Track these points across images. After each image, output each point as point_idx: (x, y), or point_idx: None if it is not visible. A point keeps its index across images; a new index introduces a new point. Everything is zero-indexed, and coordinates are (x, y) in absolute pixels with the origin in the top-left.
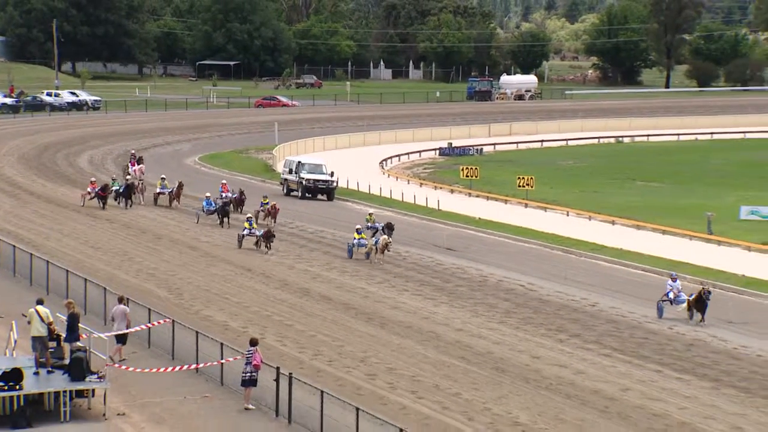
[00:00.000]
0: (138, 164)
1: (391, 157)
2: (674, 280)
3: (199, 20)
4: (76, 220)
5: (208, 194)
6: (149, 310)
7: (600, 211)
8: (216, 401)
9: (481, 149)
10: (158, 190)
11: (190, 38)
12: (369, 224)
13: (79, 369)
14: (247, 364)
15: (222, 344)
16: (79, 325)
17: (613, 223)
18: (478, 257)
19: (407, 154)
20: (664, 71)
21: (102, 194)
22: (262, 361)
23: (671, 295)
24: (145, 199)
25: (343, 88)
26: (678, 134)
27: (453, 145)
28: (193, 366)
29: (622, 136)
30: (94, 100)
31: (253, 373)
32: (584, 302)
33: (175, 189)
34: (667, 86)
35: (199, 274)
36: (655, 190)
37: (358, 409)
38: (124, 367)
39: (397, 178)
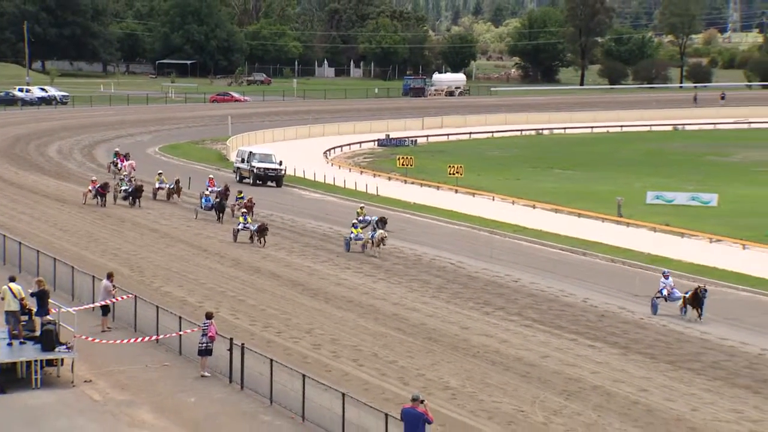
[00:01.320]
0: (126, 160)
1: (334, 148)
2: (666, 277)
3: (158, 23)
4: (46, 204)
5: (206, 192)
6: (113, 286)
7: (522, 196)
8: (175, 369)
9: (416, 140)
10: (157, 186)
11: (150, 39)
12: (360, 218)
13: (49, 340)
14: (203, 335)
15: (180, 318)
16: (49, 300)
17: (533, 207)
18: (413, 238)
19: (349, 144)
20: (579, 70)
21: (102, 192)
22: (216, 333)
23: (665, 292)
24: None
25: (290, 85)
26: (591, 127)
27: (390, 137)
28: (154, 337)
29: (541, 129)
30: (62, 96)
31: (209, 344)
32: (508, 278)
33: (173, 185)
34: (581, 84)
35: (158, 254)
36: (571, 177)
37: (304, 376)
38: (90, 338)
39: (339, 166)
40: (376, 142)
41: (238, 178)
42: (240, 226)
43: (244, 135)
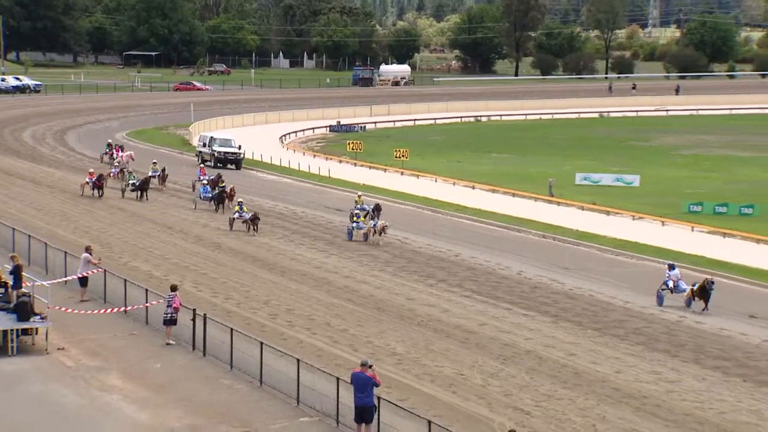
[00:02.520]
0: (122, 151)
1: (289, 133)
2: (672, 268)
3: (125, 17)
4: (21, 185)
5: (204, 182)
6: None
7: (462, 177)
8: (142, 338)
9: (365, 126)
10: (150, 174)
11: (118, 32)
12: (358, 206)
13: (24, 311)
14: (168, 306)
15: (147, 290)
16: (23, 274)
17: (473, 187)
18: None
19: (303, 130)
20: (513, 62)
21: (98, 184)
22: (180, 304)
23: (670, 284)
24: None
25: (248, 75)
26: (525, 114)
27: (341, 123)
28: (122, 308)
29: (480, 116)
30: (36, 84)
31: (173, 314)
32: (449, 253)
33: (161, 173)
34: (516, 74)
35: (126, 231)
36: (507, 160)
37: (262, 344)
38: (63, 309)
39: (294, 150)
40: (328, 128)
41: (200, 162)
42: (236, 215)
43: (205, 121)
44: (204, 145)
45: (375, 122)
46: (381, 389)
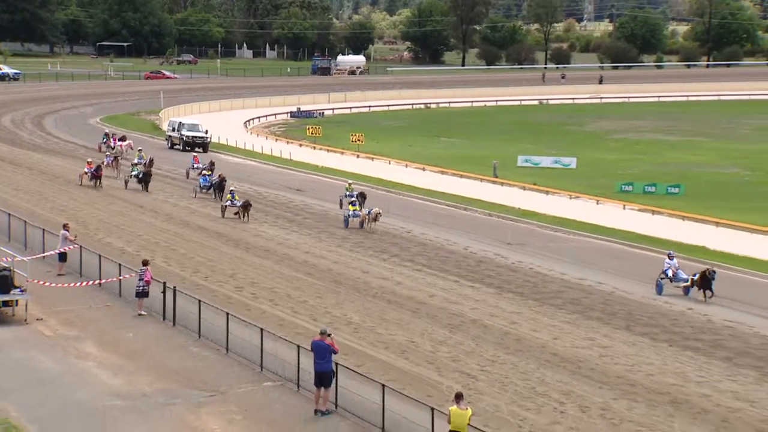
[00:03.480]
0: (119, 140)
1: (252, 119)
2: (671, 258)
3: (98, 10)
4: (1, 167)
5: (205, 171)
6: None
7: (414, 160)
8: (115, 309)
9: (323, 113)
10: (135, 161)
11: (92, 24)
12: (348, 193)
13: (4, 284)
14: (140, 279)
15: (120, 265)
16: (3, 249)
17: (423, 169)
18: (320, 196)
19: (265, 116)
20: (460, 53)
21: (97, 174)
22: (152, 278)
23: (669, 273)
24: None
25: (214, 64)
26: (471, 101)
27: (301, 110)
28: (97, 282)
29: (429, 103)
30: (15, 73)
31: (145, 287)
32: (402, 230)
33: (147, 161)
34: (463, 65)
35: (101, 210)
36: (455, 144)
37: (228, 314)
38: (41, 282)
39: (257, 135)
40: (289, 114)
41: (169, 145)
42: (228, 203)
43: (174, 107)
44: (173, 130)
45: (333, 109)
46: (339, 356)
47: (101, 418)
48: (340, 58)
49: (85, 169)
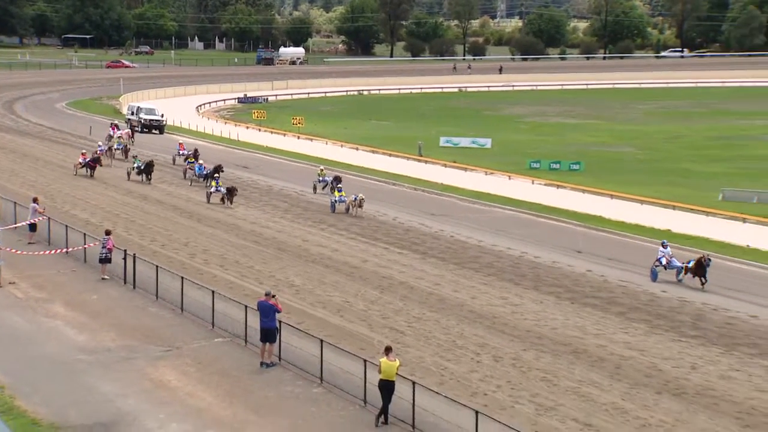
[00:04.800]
0: (118, 129)
1: (204, 104)
2: (665, 246)
3: (63, 5)
4: None
5: (201, 161)
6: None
7: (348, 141)
8: (81, 274)
9: (267, 98)
10: (116, 147)
11: (57, 18)
12: (320, 178)
13: None
14: (103, 247)
15: (85, 234)
16: None
17: (357, 149)
18: (266, 173)
19: (215, 101)
20: (389, 46)
21: (92, 165)
22: (114, 246)
23: (663, 261)
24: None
25: (169, 55)
26: (399, 89)
27: (247, 96)
28: (64, 249)
29: (362, 90)
30: None
31: (108, 254)
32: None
33: (123, 147)
34: (391, 56)
35: (67, 185)
36: (384, 126)
37: (182, 278)
38: (13, 250)
39: (208, 118)
40: (237, 100)
41: (128, 128)
42: (213, 189)
43: (133, 93)
44: (132, 114)
45: (276, 95)
46: (282, 315)
47: (69, 370)
48: (282, 49)
49: (80, 160)
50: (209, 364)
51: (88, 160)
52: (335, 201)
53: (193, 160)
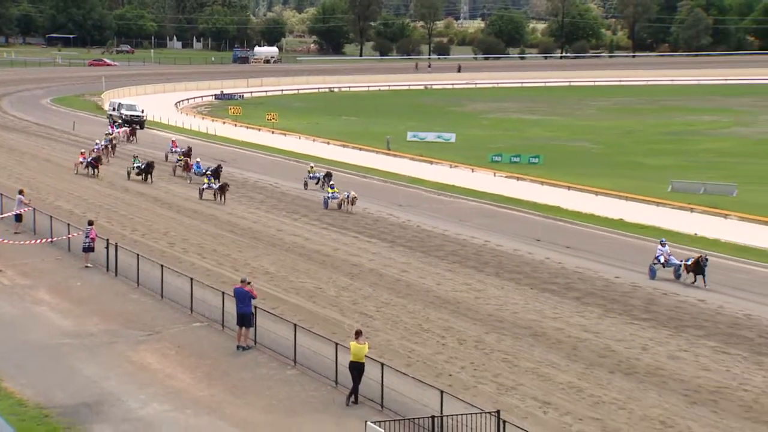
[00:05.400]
0: (116, 127)
1: (182, 100)
2: (663, 245)
3: (47, 6)
4: None
5: (198, 159)
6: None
7: (320, 135)
8: (65, 262)
9: (243, 95)
10: (103, 143)
11: (42, 18)
12: (311, 175)
13: None
14: (86, 237)
15: (69, 224)
16: None
17: (328, 143)
18: (242, 166)
19: (193, 98)
20: (358, 45)
21: (94, 164)
22: (96, 235)
23: (662, 259)
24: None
25: (148, 54)
26: (368, 86)
27: (224, 93)
28: (49, 239)
29: (333, 87)
30: None
31: (91, 243)
32: (310, 195)
33: (109, 142)
34: (360, 55)
35: (52, 178)
36: (355, 122)
37: (162, 266)
38: (0, 239)
39: (186, 114)
40: (214, 97)
41: (110, 122)
42: (205, 186)
43: (114, 90)
44: (114, 110)
45: (251, 92)
46: (257, 300)
47: (54, 354)
48: (256, 49)
49: (80, 159)
50: (188, 348)
51: (90, 159)
52: (328, 197)
53: (181, 158)
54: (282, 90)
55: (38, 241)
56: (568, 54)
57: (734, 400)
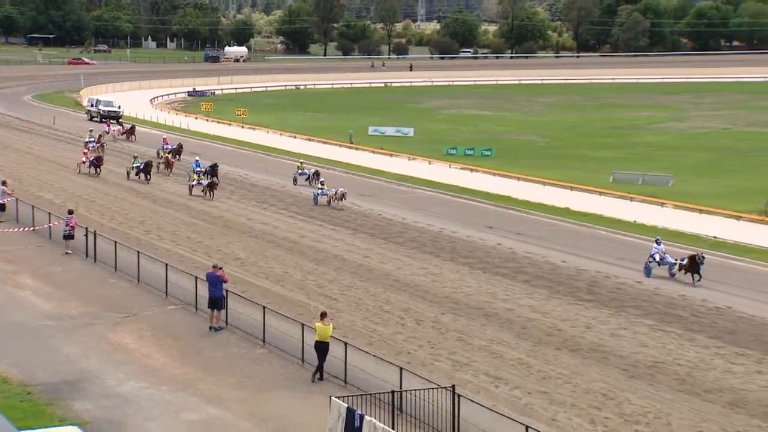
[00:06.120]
0: (112, 126)
1: (157, 97)
2: (658, 243)
3: (28, 8)
4: None
5: (197, 158)
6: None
7: (287, 130)
8: (46, 249)
9: (214, 92)
10: (87, 140)
11: (23, 20)
12: (300, 171)
13: None
14: (66, 225)
15: (50, 213)
16: None
17: (294, 137)
18: (214, 159)
19: (167, 95)
20: (323, 46)
21: (96, 164)
22: (76, 224)
23: (657, 257)
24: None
25: (124, 53)
26: (332, 84)
27: (196, 89)
28: (31, 227)
29: (299, 85)
30: None
31: (71, 231)
32: (278, 185)
33: (97, 139)
34: (324, 55)
35: (34, 170)
36: (319, 117)
37: (138, 252)
38: None
39: (161, 109)
40: (186, 93)
41: (89, 118)
42: (194, 183)
43: (92, 87)
44: (92, 105)
45: (222, 89)
46: (228, 284)
47: (36, 335)
48: (227, 49)
49: (83, 159)
50: (163, 329)
51: (92, 159)
52: (318, 194)
53: (165, 155)
54: (251, 87)
55: (21, 229)
56: (518, 54)
57: (669, 374)
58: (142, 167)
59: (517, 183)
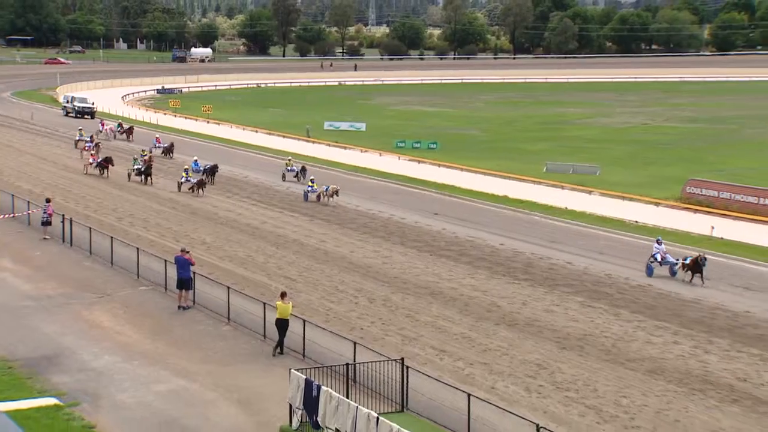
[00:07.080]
0: (106, 125)
1: (128, 94)
2: (659, 243)
3: (6, 12)
4: None
5: (195, 157)
6: None
7: (249, 125)
8: (24, 235)
9: (182, 90)
10: (77, 138)
11: (2, 22)
12: (288, 168)
13: None
14: (44, 212)
15: (29, 201)
16: None
17: (256, 131)
18: (181, 151)
19: (138, 92)
20: (282, 47)
21: (105, 164)
22: (53, 211)
23: (658, 257)
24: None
25: (98, 54)
26: (290, 82)
27: (165, 87)
28: (11, 215)
29: (260, 83)
30: None
31: (48, 218)
32: (240, 175)
33: (91, 138)
34: (283, 56)
35: (14, 161)
36: (279, 113)
37: (112, 237)
38: None
39: (132, 106)
40: (156, 91)
41: (65, 114)
42: (183, 179)
43: (68, 85)
44: (67, 102)
45: (189, 87)
46: (195, 267)
47: (16, 314)
48: (193, 50)
49: (90, 160)
50: (135, 308)
51: (100, 160)
52: (308, 191)
53: (147, 152)
54: (216, 86)
55: (1, 216)
56: (460, 56)
57: (597, 345)
58: (142, 169)
59: (460, 173)
